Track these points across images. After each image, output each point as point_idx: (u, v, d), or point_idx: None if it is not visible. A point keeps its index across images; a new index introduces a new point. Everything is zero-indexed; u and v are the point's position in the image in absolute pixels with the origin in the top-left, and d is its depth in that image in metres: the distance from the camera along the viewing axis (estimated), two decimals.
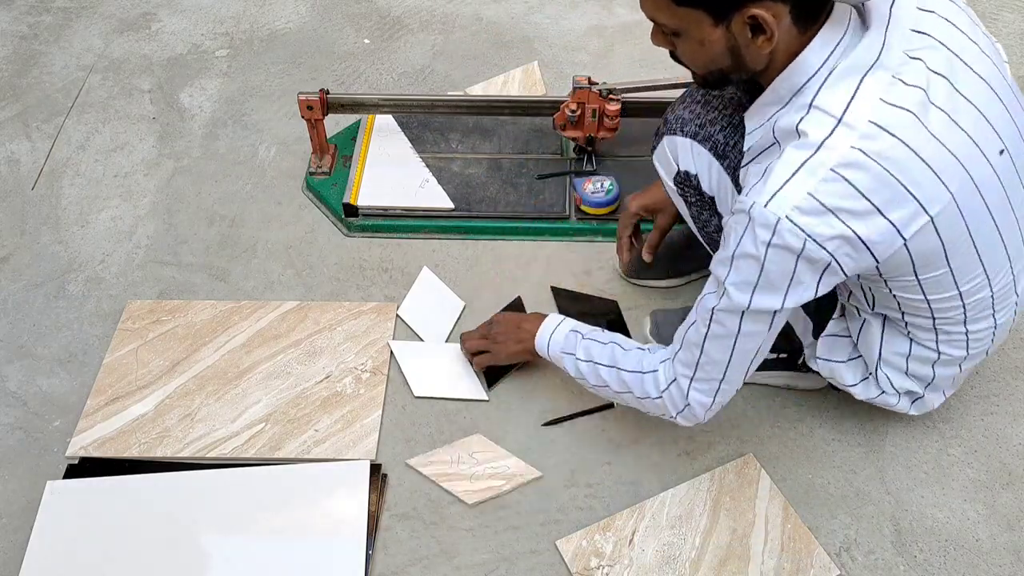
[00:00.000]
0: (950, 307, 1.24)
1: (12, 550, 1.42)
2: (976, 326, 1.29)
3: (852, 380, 1.42)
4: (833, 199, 1.07)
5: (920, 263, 1.15)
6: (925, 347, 1.33)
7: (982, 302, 1.25)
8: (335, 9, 2.50)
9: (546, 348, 1.47)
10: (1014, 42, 2.36)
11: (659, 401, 1.33)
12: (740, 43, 1.12)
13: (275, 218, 1.94)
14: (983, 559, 1.41)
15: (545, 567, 1.40)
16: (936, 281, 1.19)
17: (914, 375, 1.38)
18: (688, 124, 1.35)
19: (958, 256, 1.17)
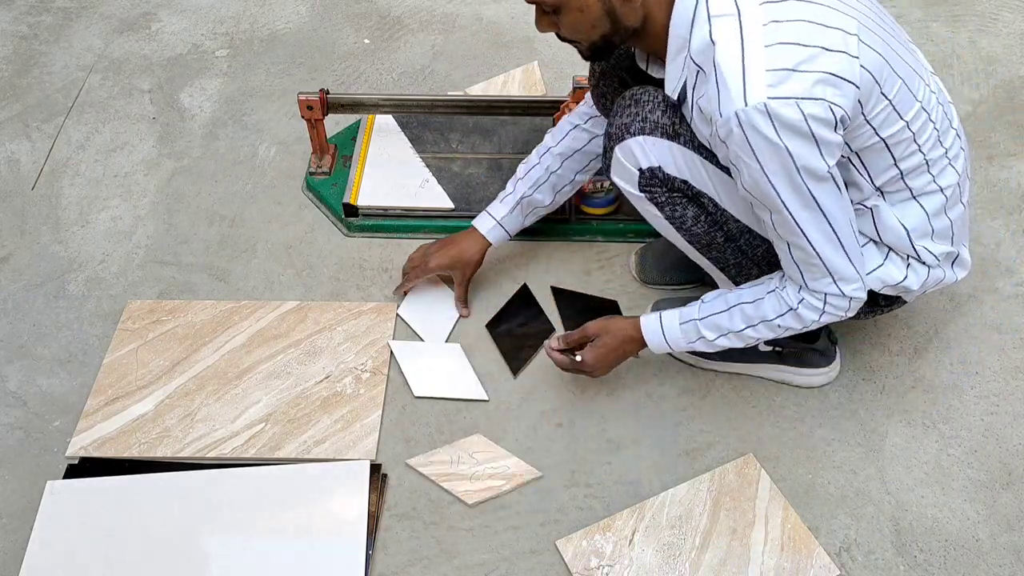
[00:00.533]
0: (922, 123, 1.30)
1: (12, 550, 1.42)
2: (947, 139, 1.35)
3: (900, 273, 1.40)
4: (787, 59, 1.15)
5: (881, 79, 1.22)
6: (928, 194, 1.35)
7: (936, 109, 1.33)
8: (335, 9, 2.50)
9: (666, 347, 1.46)
10: (1014, 42, 2.36)
11: (824, 317, 1.35)
12: (615, 5, 1.24)
13: (275, 218, 1.94)
14: (983, 559, 1.41)
15: (545, 567, 1.40)
16: (899, 98, 1.25)
17: (940, 235, 1.39)
18: (631, 126, 1.36)
19: (897, 70, 1.25)
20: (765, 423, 1.57)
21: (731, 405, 1.60)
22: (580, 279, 1.81)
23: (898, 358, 1.67)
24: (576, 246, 1.86)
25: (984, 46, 2.35)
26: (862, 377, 1.64)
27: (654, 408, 1.60)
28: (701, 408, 1.59)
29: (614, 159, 1.40)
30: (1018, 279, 1.80)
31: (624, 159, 1.39)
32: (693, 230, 1.43)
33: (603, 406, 1.60)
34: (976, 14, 2.45)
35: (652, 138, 1.35)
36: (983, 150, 2.06)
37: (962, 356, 1.67)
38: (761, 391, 1.61)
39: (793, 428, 1.57)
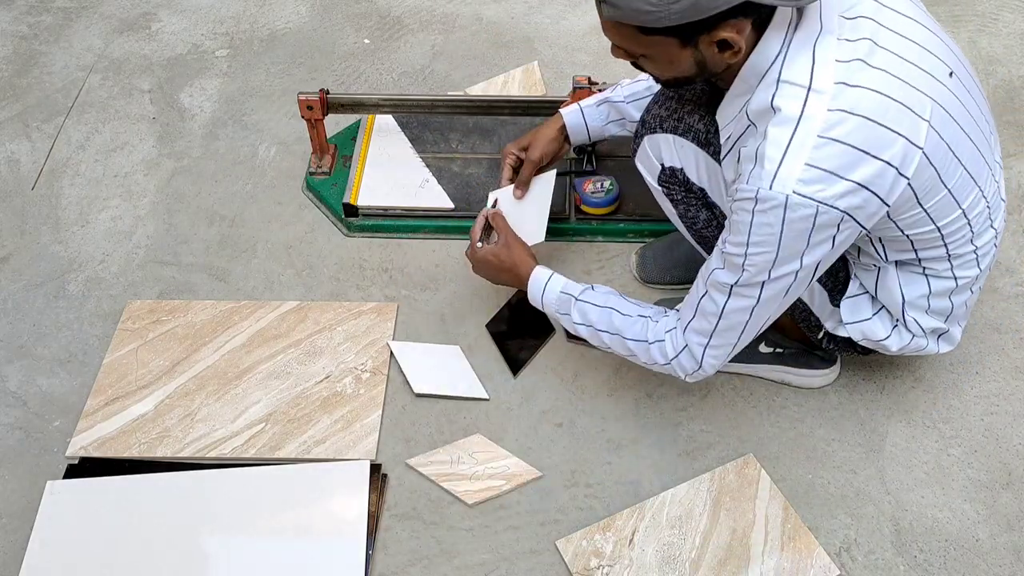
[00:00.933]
0: (958, 227, 1.28)
1: (12, 550, 1.42)
2: (981, 240, 1.33)
3: (884, 332, 1.42)
4: (830, 161, 1.12)
5: (922, 193, 1.20)
6: (942, 278, 1.35)
7: (981, 214, 1.30)
8: (335, 9, 2.50)
9: (540, 303, 1.50)
10: (1014, 42, 2.36)
11: (667, 367, 1.37)
12: (707, 57, 1.18)
13: (275, 218, 1.94)
14: (983, 559, 1.41)
15: (545, 567, 1.40)
16: (940, 206, 1.23)
17: (935, 312, 1.39)
18: (666, 120, 1.37)
19: (951, 176, 1.22)
20: (765, 423, 1.57)
21: (731, 405, 1.60)
22: (580, 279, 1.79)
23: (898, 358, 1.66)
24: (576, 246, 1.86)
25: (984, 46, 2.35)
26: (862, 377, 1.64)
27: (654, 408, 1.60)
28: (701, 408, 1.59)
29: (641, 147, 1.43)
30: (1018, 279, 1.80)
31: (650, 150, 1.41)
32: (703, 232, 1.45)
33: (603, 406, 1.60)
34: (976, 14, 2.45)
35: (683, 140, 1.36)
36: None
37: (962, 356, 1.67)
38: (761, 391, 1.61)
39: (793, 428, 1.57)
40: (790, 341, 1.59)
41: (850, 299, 1.41)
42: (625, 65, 1.32)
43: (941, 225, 1.26)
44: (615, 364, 1.66)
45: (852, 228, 1.18)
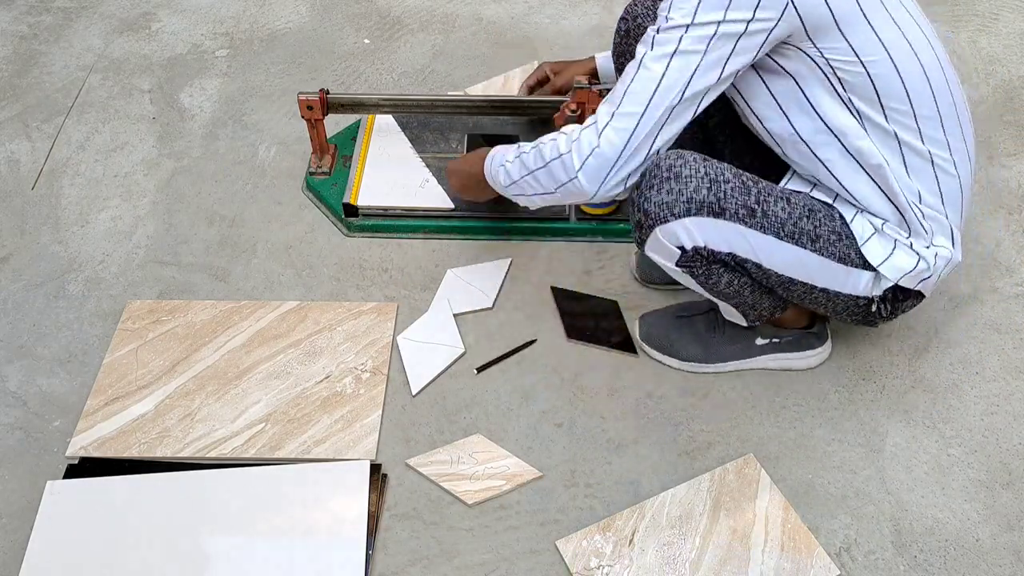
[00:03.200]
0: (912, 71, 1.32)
1: (12, 550, 1.42)
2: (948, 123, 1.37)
3: (911, 259, 1.40)
4: None
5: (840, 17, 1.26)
6: (915, 151, 1.36)
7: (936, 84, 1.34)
8: (335, 9, 2.50)
9: (490, 163, 1.55)
10: (1014, 42, 2.36)
11: (567, 157, 1.36)
12: None
13: (275, 218, 1.94)
14: (983, 559, 1.41)
15: (545, 567, 1.40)
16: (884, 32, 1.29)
17: (929, 199, 1.39)
18: (674, 207, 1.34)
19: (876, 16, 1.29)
20: (765, 423, 1.58)
21: (731, 405, 1.60)
22: (580, 279, 1.81)
23: (898, 358, 1.67)
24: (576, 246, 1.86)
25: (984, 46, 2.35)
26: (862, 377, 1.64)
27: (654, 408, 1.60)
28: (701, 408, 1.59)
29: (653, 238, 1.38)
30: (1018, 279, 1.80)
31: (665, 240, 1.37)
32: (724, 292, 1.46)
33: (603, 406, 1.60)
34: (976, 14, 2.45)
35: (698, 219, 1.34)
36: (983, 150, 2.06)
37: (962, 356, 1.67)
38: (761, 391, 1.62)
39: (793, 428, 1.57)
40: (786, 331, 1.60)
41: (867, 243, 1.40)
42: None
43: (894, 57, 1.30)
44: (615, 364, 1.66)
45: (772, 12, 1.23)
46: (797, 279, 1.41)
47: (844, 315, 1.51)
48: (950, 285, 1.77)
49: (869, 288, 1.44)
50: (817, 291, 1.43)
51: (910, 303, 1.50)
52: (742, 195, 1.35)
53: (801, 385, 1.63)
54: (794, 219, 1.37)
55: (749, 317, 1.55)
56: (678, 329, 1.63)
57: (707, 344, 1.62)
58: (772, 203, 1.37)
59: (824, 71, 1.31)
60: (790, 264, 1.39)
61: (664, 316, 1.66)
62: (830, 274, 1.41)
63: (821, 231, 1.39)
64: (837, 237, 1.40)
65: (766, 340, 1.61)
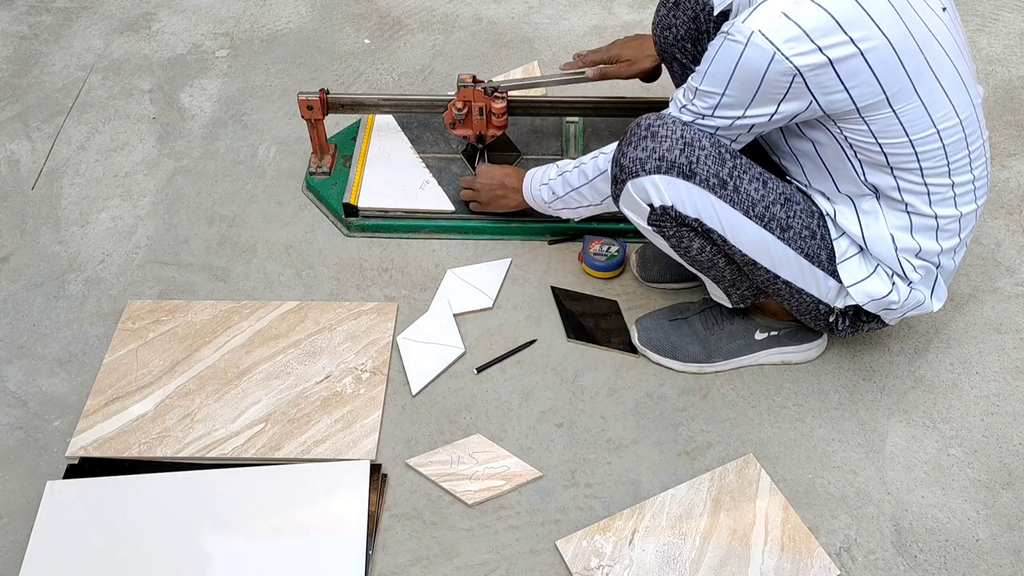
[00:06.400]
0: (932, 149, 1.32)
1: (12, 550, 1.42)
2: (959, 177, 1.36)
3: (885, 287, 1.43)
4: (803, 20, 1.21)
5: (887, 84, 1.25)
6: (922, 215, 1.38)
7: (959, 145, 1.33)
8: (335, 9, 2.50)
9: (529, 186, 1.70)
10: (1014, 42, 2.36)
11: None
12: None
13: (275, 218, 1.94)
14: (983, 559, 1.41)
15: (545, 567, 1.40)
16: (911, 115, 1.28)
17: (925, 253, 1.42)
18: (647, 162, 1.37)
19: (925, 88, 1.27)
20: (765, 423, 1.57)
21: (731, 405, 1.60)
22: (580, 279, 1.81)
23: (898, 358, 1.67)
24: (576, 246, 1.86)
25: (984, 46, 2.35)
26: (862, 377, 1.64)
27: (654, 408, 1.60)
28: (701, 408, 1.59)
29: (625, 192, 1.42)
30: (1018, 279, 1.80)
31: (636, 194, 1.40)
32: (697, 258, 1.47)
33: (603, 406, 1.60)
34: (976, 14, 2.45)
35: (667, 177, 1.37)
36: None
37: (962, 356, 1.67)
38: (761, 391, 1.62)
39: (793, 428, 1.57)
40: (782, 322, 1.61)
41: (845, 262, 1.43)
42: None
43: (914, 139, 1.29)
44: (615, 364, 1.66)
45: (803, 98, 1.26)
46: (760, 263, 1.42)
47: (806, 317, 1.52)
48: (950, 285, 1.77)
49: (832, 297, 1.46)
50: (780, 282, 1.44)
51: (872, 326, 1.53)
52: (716, 164, 1.36)
53: (801, 385, 1.63)
54: (767, 202, 1.38)
55: (732, 297, 1.55)
56: (677, 330, 1.64)
57: (707, 343, 1.62)
58: (746, 181, 1.38)
59: (841, 144, 1.34)
60: (755, 246, 1.40)
61: (660, 319, 1.66)
62: (796, 268, 1.42)
63: (794, 223, 1.40)
64: (810, 234, 1.41)
65: (765, 334, 1.61)
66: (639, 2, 2.50)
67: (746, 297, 1.55)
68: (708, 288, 1.58)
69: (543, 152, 1.98)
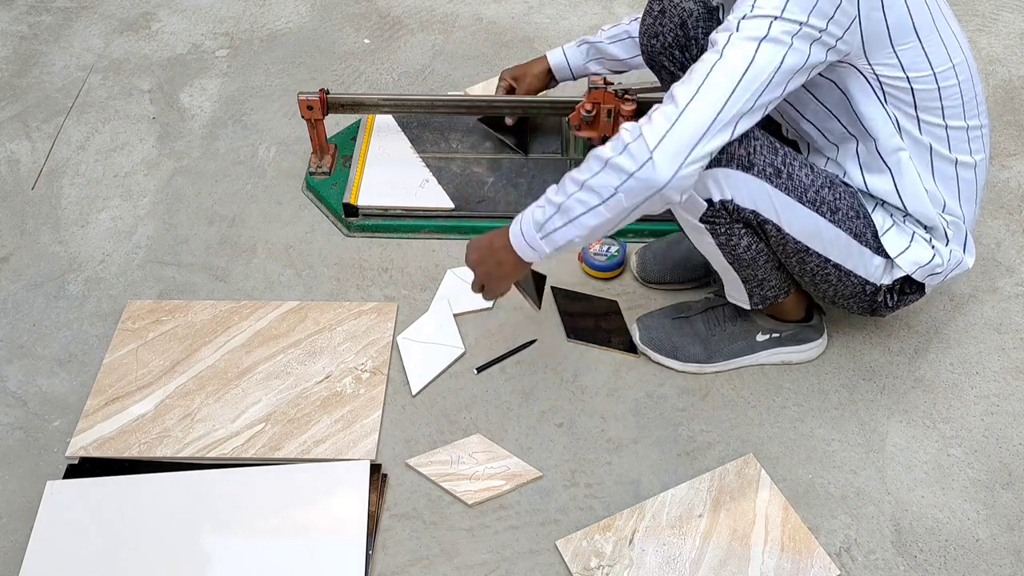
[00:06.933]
0: (949, 85, 1.33)
1: (12, 550, 1.42)
2: (972, 121, 1.38)
3: (927, 253, 1.43)
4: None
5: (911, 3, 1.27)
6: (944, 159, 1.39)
7: (967, 83, 1.36)
8: (335, 9, 2.50)
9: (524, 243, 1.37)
10: (1014, 42, 2.36)
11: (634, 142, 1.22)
12: None
13: (275, 218, 1.94)
14: (983, 559, 1.41)
15: (545, 567, 1.40)
16: (933, 45, 1.30)
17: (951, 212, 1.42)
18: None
19: (936, 16, 1.30)
20: (765, 423, 1.58)
21: (731, 405, 1.60)
22: (580, 279, 1.81)
23: (898, 358, 1.67)
24: None
25: (984, 46, 2.35)
26: (862, 377, 1.64)
27: (654, 408, 1.60)
28: (701, 408, 1.59)
29: None
30: (1018, 279, 1.80)
31: (695, 191, 1.35)
32: (742, 256, 1.45)
33: (603, 406, 1.60)
34: (976, 14, 2.45)
35: (727, 170, 1.33)
36: None
37: (962, 356, 1.67)
38: (761, 391, 1.62)
39: (793, 428, 1.57)
40: (785, 324, 1.61)
41: (886, 234, 1.43)
42: None
43: (937, 72, 1.31)
44: (615, 364, 1.66)
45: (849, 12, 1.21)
46: (812, 249, 1.41)
47: (850, 301, 1.51)
48: (950, 285, 1.77)
49: (880, 274, 1.46)
50: (830, 266, 1.43)
51: (914, 297, 1.52)
52: (770, 153, 1.35)
53: (801, 385, 1.63)
54: (816, 186, 1.38)
55: (754, 298, 1.53)
56: (678, 330, 1.63)
57: (708, 343, 1.62)
58: (797, 167, 1.37)
59: (871, 83, 1.33)
60: (808, 232, 1.39)
61: (662, 318, 1.66)
62: (845, 250, 1.42)
63: (841, 204, 1.40)
64: (855, 214, 1.41)
65: (767, 336, 1.61)
66: (639, 1, 2.50)
67: (767, 298, 1.54)
68: (728, 288, 1.56)
69: (543, 151, 1.98)
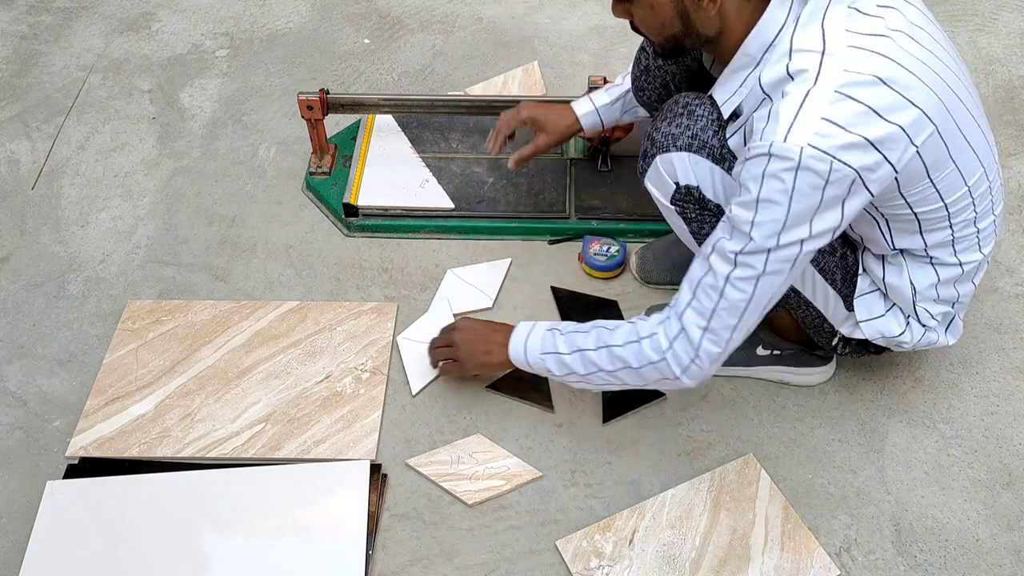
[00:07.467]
0: (963, 206, 1.30)
1: (12, 550, 1.42)
2: (983, 222, 1.34)
3: (899, 328, 1.42)
4: (845, 117, 1.13)
5: (931, 165, 1.21)
6: (947, 266, 1.36)
7: (984, 194, 1.32)
8: (335, 9, 2.50)
9: (523, 353, 1.43)
10: (1014, 42, 2.36)
11: (662, 364, 1.29)
12: (688, 6, 1.23)
13: (275, 218, 1.94)
14: (983, 559, 1.41)
15: (545, 567, 1.40)
16: (948, 181, 1.25)
17: (943, 300, 1.41)
18: (679, 138, 1.35)
19: (959, 152, 1.24)
20: (765, 423, 1.57)
21: (731, 405, 1.60)
22: (580, 279, 1.80)
23: (898, 358, 1.67)
24: (576, 246, 1.86)
25: (984, 46, 2.35)
26: (862, 377, 1.64)
27: (654, 408, 1.60)
28: (701, 408, 1.59)
29: (653, 167, 1.39)
30: (1018, 279, 1.80)
31: (664, 169, 1.37)
32: None
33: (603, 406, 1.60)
34: (976, 14, 2.45)
35: (698, 157, 1.34)
36: None
37: (962, 356, 1.67)
38: (761, 391, 1.61)
39: (793, 428, 1.57)
40: (787, 343, 1.59)
41: (862, 297, 1.42)
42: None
43: (948, 202, 1.27)
44: None
45: (861, 194, 1.17)
46: None
47: (810, 330, 1.51)
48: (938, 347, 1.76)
49: (840, 321, 1.46)
50: (790, 289, 1.42)
51: (874, 355, 1.53)
52: None
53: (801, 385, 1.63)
54: None
55: None
56: None
57: None
58: None
59: (876, 219, 1.32)
60: None
61: None
62: (808, 279, 1.41)
63: None
64: (831, 250, 1.39)
65: (767, 351, 1.59)
66: None
67: None
68: None
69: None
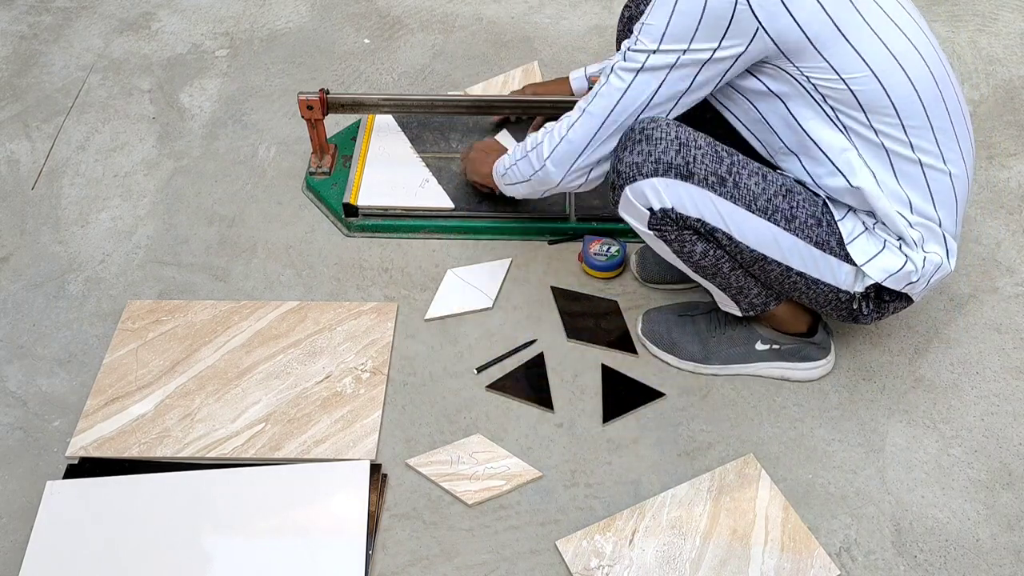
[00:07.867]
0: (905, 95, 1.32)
1: (12, 550, 1.42)
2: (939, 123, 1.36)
3: (899, 260, 1.40)
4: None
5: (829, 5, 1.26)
6: (905, 159, 1.36)
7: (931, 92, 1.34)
8: (335, 9, 2.50)
9: (499, 163, 1.67)
10: (1014, 42, 2.36)
11: (540, 145, 1.51)
12: None
13: (275, 218, 1.94)
14: (983, 559, 1.41)
15: (545, 567, 1.40)
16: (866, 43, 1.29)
17: (920, 213, 1.40)
18: (643, 166, 1.36)
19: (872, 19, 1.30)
20: (765, 423, 1.58)
21: (731, 405, 1.60)
22: (580, 279, 1.81)
23: (898, 358, 1.67)
24: (576, 246, 1.86)
25: (984, 46, 2.35)
26: (862, 377, 1.64)
27: (654, 408, 1.60)
28: (701, 408, 1.60)
29: (623, 198, 1.41)
30: (1018, 279, 1.80)
31: (635, 199, 1.39)
32: (700, 263, 1.45)
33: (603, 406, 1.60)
34: (976, 14, 2.46)
35: (665, 179, 1.36)
36: (983, 150, 2.06)
37: (962, 356, 1.67)
38: (761, 391, 1.62)
39: (793, 428, 1.57)
40: (786, 337, 1.59)
41: (853, 242, 1.40)
42: None
43: (878, 72, 1.30)
44: (615, 364, 1.66)
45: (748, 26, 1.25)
46: (771, 257, 1.40)
47: (828, 308, 1.50)
48: (950, 285, 1.77)
49: (851, 282, 1.44)
50: (794, 274, 1.42)
51: (897, 305, 1.49)
52: (713, 162, 1.36)
53: (801, 385, 1.63)
54: (768, 195, 1.38)
55: (741, 305, 1.54)
56: (680, 327, 1.64)
57: (707, 344, 1.62)
58: (745, 176, 1.37)
59: (807, 88, 1.33)
60: (762, 240, 1.39)
61: (667, 313, 1.66)
62: (807, 257, 1.41)
63: (798, 212, 1.38)
64: (816, 222, 1.39)
65: (767, 346, 1.60)
66: None
67: (755, 305, 1.53)
68: (716, 298, 1.56)
69: None
